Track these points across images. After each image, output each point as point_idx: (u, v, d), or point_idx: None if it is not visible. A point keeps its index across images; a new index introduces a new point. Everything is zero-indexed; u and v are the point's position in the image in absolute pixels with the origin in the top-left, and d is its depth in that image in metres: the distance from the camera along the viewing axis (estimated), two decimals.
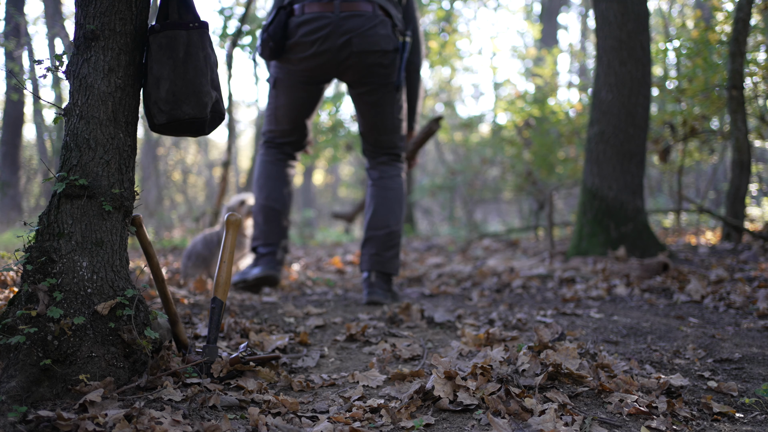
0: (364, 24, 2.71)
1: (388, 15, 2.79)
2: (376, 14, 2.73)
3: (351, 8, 2.70)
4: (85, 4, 1.58)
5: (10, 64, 8.08)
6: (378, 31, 2.73)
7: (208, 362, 1.75)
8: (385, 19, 2.77)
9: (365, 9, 2.71)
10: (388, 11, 2.78)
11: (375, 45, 2.72)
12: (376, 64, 2.77)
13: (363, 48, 2.72)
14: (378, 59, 2.76)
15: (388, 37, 2.76)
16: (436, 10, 8.96)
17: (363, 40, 2.72)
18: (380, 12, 2.75)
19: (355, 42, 2.71)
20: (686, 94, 5.34)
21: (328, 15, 2.71)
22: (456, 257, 5.27)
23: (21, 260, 1.54)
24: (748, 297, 2.81)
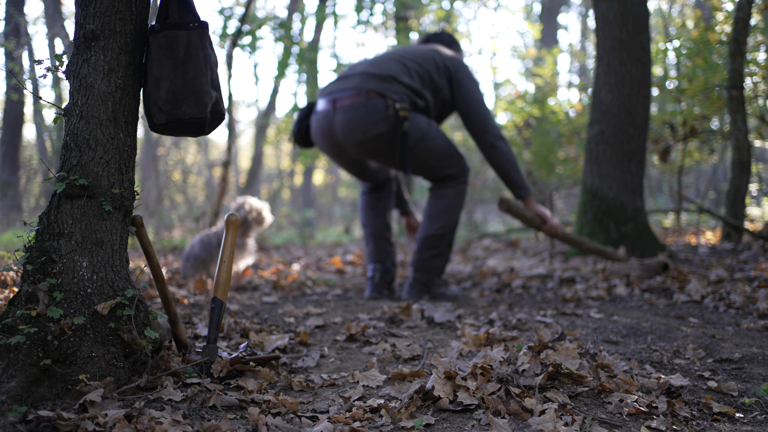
0: (353, 115, 2.89)
1: (380, 95, 2.88)
2: (365, 103, 2.87)
3: (342, 102, 2.91)
4: (85, 4, 1.58)
5: (10, 64, 8.08)
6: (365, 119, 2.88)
7: (208, 362, 1.75)
8: (375, 102, 2.87)
9: (354, 100, 2.89)
10: (381, 92, 2.88)
11: (366, 134, 2.90)
12: (377, 148, 2.97)
13: (356, 140, 2.93)
14: (376, 145, 2.95)
15: (377, 123, 2.88)
16: (436, 10, 8.96)
17: (354, 133, 2.92)
18: (372, 98, 2.87)
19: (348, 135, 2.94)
20: (686, 94, 5.34)
21: (328, 112, 2.98)
22: (456, 257, 5.27)
23: (21, 260, 1.54)
24: (748, 297, 2.81)
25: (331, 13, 10.78)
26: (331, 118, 2.97)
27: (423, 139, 2.96)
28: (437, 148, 3.01)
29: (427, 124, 3.01)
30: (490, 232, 8.57)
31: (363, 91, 2.90)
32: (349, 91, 2.93)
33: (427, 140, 2.98)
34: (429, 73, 3.04)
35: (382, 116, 2.88)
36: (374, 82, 2.93)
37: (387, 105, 2.88)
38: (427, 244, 3.08)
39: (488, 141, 3.06)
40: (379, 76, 2.95)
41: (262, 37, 10.44)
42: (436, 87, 3.07)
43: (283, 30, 8.49)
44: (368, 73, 2.97)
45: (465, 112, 3.10)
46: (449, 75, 3.09)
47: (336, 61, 11.23)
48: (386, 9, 9.33)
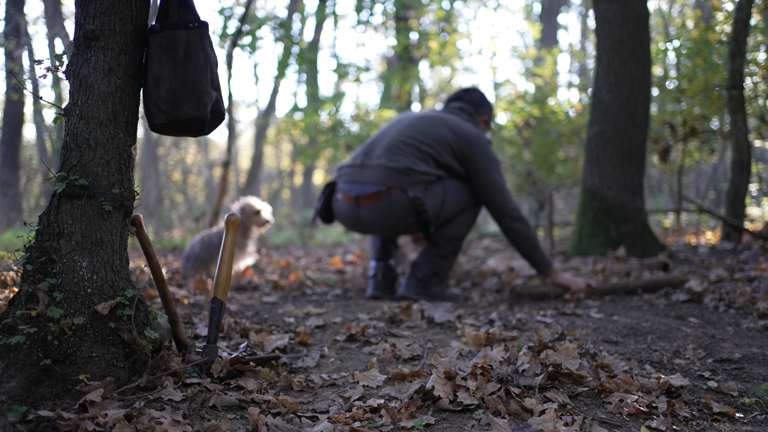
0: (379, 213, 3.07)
1: (402, 190, 3.02)
2: (389, 200, 3.02)
3: (364, 201, 3.08)
4: (85, 4, 1.58)
5: (10, 64, 8.08)
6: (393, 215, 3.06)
7: (208, 362, 1.75)
8: (398, 198, 3.02)
9: (376, 199, 3.04)
10: (401, 188, 3.02)
11: (396, 227, 3.12)
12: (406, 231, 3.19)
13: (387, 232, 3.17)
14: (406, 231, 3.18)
15: (405, 217, 3.05)
16: (436, 10, 8.96)
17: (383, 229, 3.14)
18: (394, 196, 3.02)
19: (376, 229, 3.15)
20: (686, 94, 5.34)
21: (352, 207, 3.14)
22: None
23: (21, 260, 1.54)
24: (748, 297, 2.81)
25: (331, 13, 10.78)
26: (356, 212, 3.13)
27: (442, 206, 3.10)
28: (456, 205, 3.14)
29: (442, 191, 3.10)
30: (490, 232, 8.57)
31: (383, 189, 3.03)
32: (370, 187, 3.06)
33: (446, 205, 3.11)
34: (443, 156, 3.12)
35: (408, 210, 3.04)
36: (393, 178, 3.03)
37: (409, 198, 3.02)
38: (438, 242, 3.16)
39: (506, 224, 3.12)
40: (397, 170, 3.03)
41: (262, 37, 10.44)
42: (451, 168, 3.15)
43: (283, 30, 8.50)
44: (386, 167, 3.04)
45: (482, 194, 3.15)
46: (465, 159, 3.13)
47: (336, 61, 11.23)
48: (386, 9, 9.34)
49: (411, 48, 9.46)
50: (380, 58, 16.90)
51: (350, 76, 9.96)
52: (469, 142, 3.11)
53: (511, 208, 3.10)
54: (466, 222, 3.19)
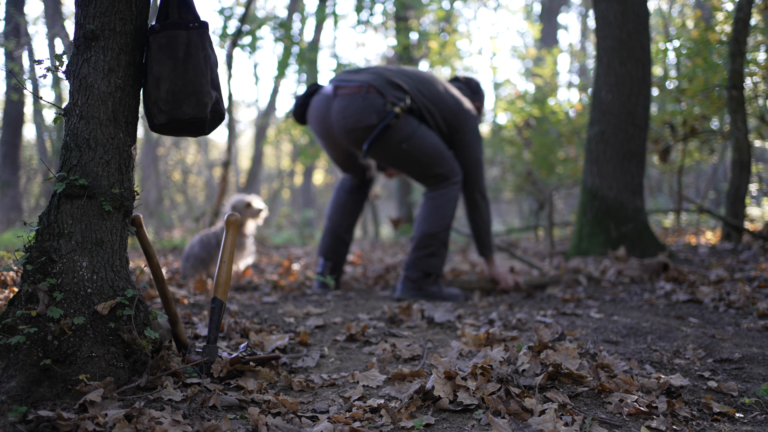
0: (349, 103, 3.01)
1: (380, 94, 3.00)
2: (364, 95, 2.99)
3: (343, 90, 3.05)
4: (85, 4, 1.58)
5: (10, 64, 8.08)
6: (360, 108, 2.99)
7: (208, 362, 1.75)
8: (374, 97, 2.99)
9: (355, 91, 3.02)
10: (381, 92, 3.01)
11: (357, 123, 3.01)
12: (362, 138, 3.05)
13: (347, 127, 3.03)
14: (362, 134, 3.03)
15: (370, 115, 2.98)
16: (436, 10, 8.96)
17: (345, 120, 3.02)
18: (372, 92, 3.00)
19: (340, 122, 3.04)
20: (686, 94, 5.34)
21: (329, 96, 3.10)
22: (456, 257, 5.27)
23: (21, 260, 1.54)
24: (748, 297, 2.81)
25: (331, 13, 10.77)
26: (330, 102, 3.09)
27: (412, 136, 3.04)
28: (426, 146, 3.08)
29: (418, 125, 3.07)
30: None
31: (365, 85, 3.02)
32: (354, 82, 3.05)
33: (416, 138, 3.05)
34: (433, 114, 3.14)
35: (376, 110, 2.98)
36: (380, 82, 3.03)
37: (385, 102, 2.98)
38: (421, 243, 3.11)
39: (476, 199, 3.25)
40: (388, 80, 3.05)
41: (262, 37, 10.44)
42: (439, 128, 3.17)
43: (283, 30, 8.49)
44: (379, 74, 3.08)
45: (463, 165, 3.23)
46: (454, 127, 3.19)
47: (336, 61, 11.22)
48: (386, 9, 9.33)
49: (411, 48, 9.45)
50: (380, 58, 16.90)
51: None
52: (464, 113, 3.20)
53: (483, 186, 3.26)
54: (444, 214, 3.13)
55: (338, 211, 3.43)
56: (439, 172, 3.13)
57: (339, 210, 3.43)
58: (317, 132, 3.22)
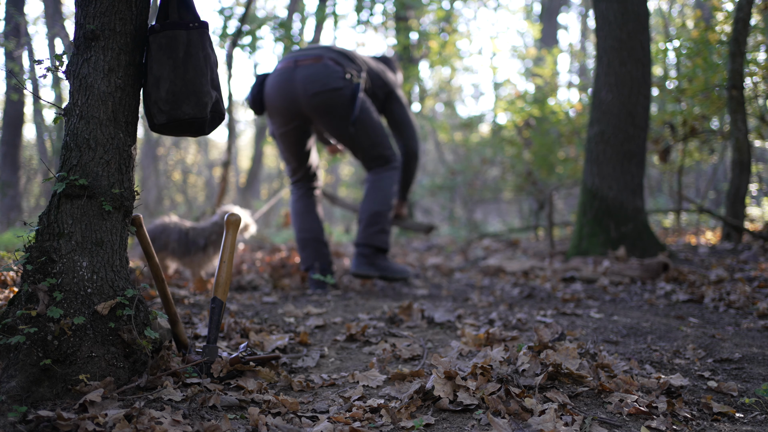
0: (314, 70, 3.22)
1: (339, 64, 3.25)
2: (326, 63, 3.23)
3: (304, 62, 3.26)
4: (85, 4, 1.58)
5: (10, 64, 8.08)
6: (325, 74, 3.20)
7: (208, 362, 1.75)
8: (335, 67, 3.23)
9: (316, 61, 3.24)
10: (340, 63, 3.26)
11: (325, 86, 3.18)
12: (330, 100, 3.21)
13: (315, 90, 3.20)
14: (330, 97, 3.21)
15: (336, 79, 3.20)
16: (436, 10, 8.96)
17: (314, 84, 3.20)
18: (330, 62, 3.24)
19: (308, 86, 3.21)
20: (686, 94, 5.34)
21: (288, 68, 3.28)
22: (456, 257, 5.27)
23: (21, 260, 1.54)
24: (748, 297, 2.81)
25: (331, 13, 10.77)
26: (291, 72, 3.26)
27: (367, 111, 3.30)
28: (376, 124, 3.35)
29: (371, 103, 3.37)
30: (490, 232, 8.57)
31: (325, 56, 3.26)
32: (311, 55, 3.28)
33: (369, 113, 3.32)
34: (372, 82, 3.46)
35: (339, 76, 3.22)
36: (334, 54, 3.31)
37: (345, 71, 3.24)
38: (372, 221, 3.33)
39: (414, 150, 3.65)
40: (340, 52, 3.34)
41: (262, 37, 10.44)
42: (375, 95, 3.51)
43: (283, 30, 8.49)
44: (330, 48, 3.35)
45: (399, 122, 3.62)
46: (388, 92, 3.56)
47: None
48: (386, 9, 9.33)
49: (411, 48, 9.45)
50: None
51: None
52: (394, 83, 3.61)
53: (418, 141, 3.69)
54: (390, 193, 3.38)
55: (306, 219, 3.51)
56: (385, 153, 3.39)
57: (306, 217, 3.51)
58: (277, 109, 3.33)
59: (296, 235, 3.49)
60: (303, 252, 3.45)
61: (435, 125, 10.62)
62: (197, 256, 3.36)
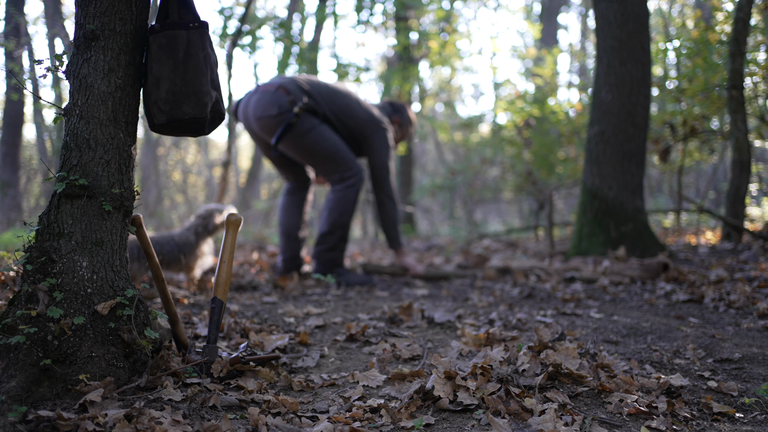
0: (261, 98, 3.49)
1: (287, 92, 3.47)
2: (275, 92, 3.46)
3: (261, 88, 3.55)
4: (85, 4, 1.58)
5: (10, 64, 8.08)
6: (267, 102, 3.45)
7: (208, 362, 1.75)
8: (280, 95, 3.45)
9: (268, 88, 3.51)
10: (288, 91, 3.47)
11: (263, 112, 3.46)
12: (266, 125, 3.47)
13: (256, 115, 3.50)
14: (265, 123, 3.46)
15: (272, 106, 3.43)
16: (436, 10, 8.96)
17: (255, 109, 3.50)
18: (281, 91, 3.46)
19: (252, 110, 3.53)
20: (686, 94, 5.34)
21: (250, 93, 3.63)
22: (456, 257, 5.27)
23: (21, 260, 1.54)
24: (748, 297, 2.81)
25: (331, 13, 10.77)
26: (250, 97, 3.60)
27: (311, 131, 3.46)
28: (323, 142, 3.49)
29: (318, 124, 3.50)
30: (490, 232, 8.57)
31: (276, 85, 3.51)
32: (271, 84, 3.55)
33: (314, 134, 3.47)
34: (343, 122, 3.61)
35: (278, 104, 3.43)
36: (289, 84, 3.52)
37: (288, 100, 3.45)
38: (320, 239, 3.60)
39: (381, 197, 3.72)
40: (298, 84, 3.53)
41: (262, 37, 10.44)
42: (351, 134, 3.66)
43: (283, 30, 8.49)
44: (293, 79, 3.57)
45: (372, 169, 3.72)
46: (364, 136, 3.66)
47: (336, 61, 11.23)
48: (386, 9, 9.33)
49: (411, 48, 9.45)
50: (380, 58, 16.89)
51: (350, 76, 9.96)
52: (374, 123, 3.67)
53: (390, 187, 3.72)
54: (341, 212, 3.53)
55: (284, 214, 3.85)
56: (336, 170, 3.54)
57: (284, 212, 3.85)
58: (245, 126, 3.68)
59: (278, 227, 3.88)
60: (280, 241, 3.84)
61: (435, 125, 10.62)
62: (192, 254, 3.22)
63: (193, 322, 2.43)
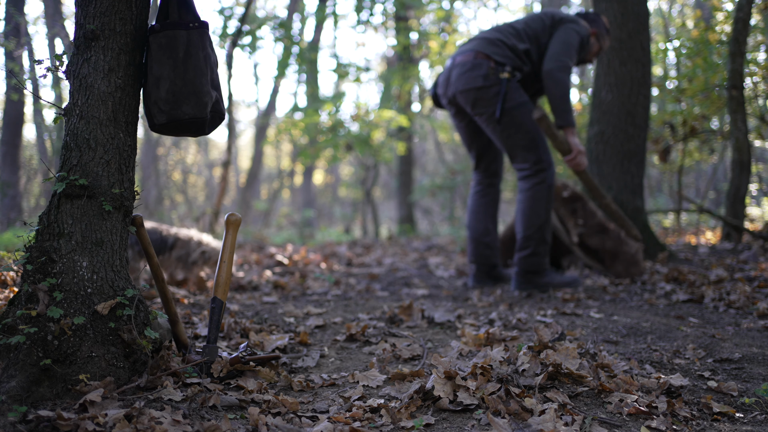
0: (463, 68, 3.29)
1: (487, 57, 3.27)
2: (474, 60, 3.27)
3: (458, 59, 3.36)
4: (85, 4, 1.58)
5: (10, 64, 8.08)
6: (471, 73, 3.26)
7: (208, 362, 1.75)
8: (481, 62, 3.26)
9: (466, 58, 3.31)
10: (487, 54, 3.27)
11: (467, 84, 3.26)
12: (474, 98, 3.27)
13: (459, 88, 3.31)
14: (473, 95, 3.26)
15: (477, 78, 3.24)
16: (436, 10, 8.96)
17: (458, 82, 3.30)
18: (480, 57, 3.27)
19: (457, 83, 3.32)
20: (686, 94, 5.34)
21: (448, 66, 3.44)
22: (456, 257, 5.27)
23: (21, 260, 1.54)
24: (748, 297, 2.81)
25: (331, 13, 10.78)
26: (449, 70, 3.40)
27: (517, 107, 3.22)
28: (523, 127, 3.24)
29: (527, 101, 3.27)
30: None
31: (474, 52, 3.30)
32: (466, 52, 3.35)
33: (519, 113, 3.22)
34: (535, 31, 3.34)
35: (482, 73, 3.23)
36: (483, 45, 3.31)
37: (489, 66, 3.23)
38: (523, 244, 3.31)
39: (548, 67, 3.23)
40: (489, 40, 3.33)
41: (262, 37, 10.44)
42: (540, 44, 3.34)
43: (283, 30, 8.49)
44: (482, 38, 3.37)
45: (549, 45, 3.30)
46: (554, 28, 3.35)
47: (336, 61, 11.23)
48: (386, 9, 9.33)
49: (411, 48, 9.45)
50: (380, 58, 16.89)
51: (350, 76, 9.97)
52: (564, 19, 3.36)
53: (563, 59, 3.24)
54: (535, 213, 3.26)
55: (473, 217, 3.57)
56: (530, 159, 3.25)
57: (473, 216, 3.57)
58: (446, 105, 3.48)
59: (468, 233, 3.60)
60: (469, 246, 3.57)
61: (435, 125, 10.62)
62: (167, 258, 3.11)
63: (193, 322, 2.43)
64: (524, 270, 3.29)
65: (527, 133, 3.23)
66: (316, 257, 5.08)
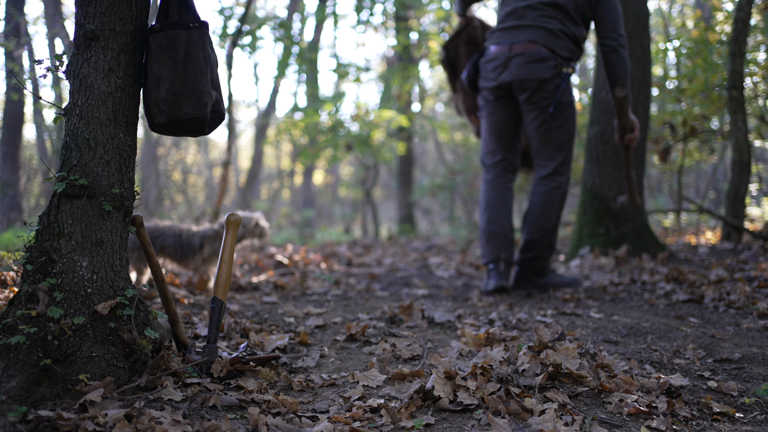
0: (527, 58, 3.18)
1: (551, 51, 3.19)
2: (539, 51, 3.17)
3: (518, 47, 3.22)
4: (85, 4, 1.58)
5: (10, 64, 8.08)
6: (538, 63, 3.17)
7: (208, 362, 1.75)
8: (546, 54, 3.18)
9: (529, 47, 3.20)
10: (551, 48, 3.18)
11: (532, 74, 3.18)
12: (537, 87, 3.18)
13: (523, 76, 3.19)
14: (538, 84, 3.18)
15: (544, 69, 3.16)
16: (436, 10, 8.96)
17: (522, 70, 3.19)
18: (544, 50, 3.18)
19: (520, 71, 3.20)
20: (686, 94, 5.34)
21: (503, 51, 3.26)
22: (456, 257, 5.27)
23: (21, 260, 1.54)
24: (748, 297, 2.81)
25: (331, 13, 10.78)
26: (506, 56, 3.24)
27: (569, 104, 3.21)
28: (566, 126, 3.22)
29: (574, 100, 3.26)
30: None
31: (538, 43, 3.19)
32: (525, 42, 3.21)
33: (568, 112, 3.21)
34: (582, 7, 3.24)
35: (549, 66, 3.16)
36: (546, 38, 3.19)
37: (556, 62, 3.17)
38: (528, 246, 3.27)
39: (614, 44, 3.19)
40: (551, 31, 3.20)
41: (262, 37, 10.44)
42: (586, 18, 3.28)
43: (283, 30, 8.49)
44: (542, 28, 3.21)
45: (601, 15, 3.23)
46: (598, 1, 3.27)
47: (336, 61, 11.23)
48: (386, 9, 9.34)
49: (411, 48, 9.45)
50: (380, 58, 16.89)
51: (350, 76, 9.97)
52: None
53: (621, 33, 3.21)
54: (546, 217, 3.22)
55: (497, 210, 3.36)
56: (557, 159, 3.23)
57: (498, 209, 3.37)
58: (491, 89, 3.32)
59: (482, 225, 3.36)
60: (488, 245, 3.32)
61: (435, 125, 10.61)
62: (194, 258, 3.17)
63: (193, 322, 2.43)
64: (525, 270, 3.28)
65: (565, 132, 3.21)
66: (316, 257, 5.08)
